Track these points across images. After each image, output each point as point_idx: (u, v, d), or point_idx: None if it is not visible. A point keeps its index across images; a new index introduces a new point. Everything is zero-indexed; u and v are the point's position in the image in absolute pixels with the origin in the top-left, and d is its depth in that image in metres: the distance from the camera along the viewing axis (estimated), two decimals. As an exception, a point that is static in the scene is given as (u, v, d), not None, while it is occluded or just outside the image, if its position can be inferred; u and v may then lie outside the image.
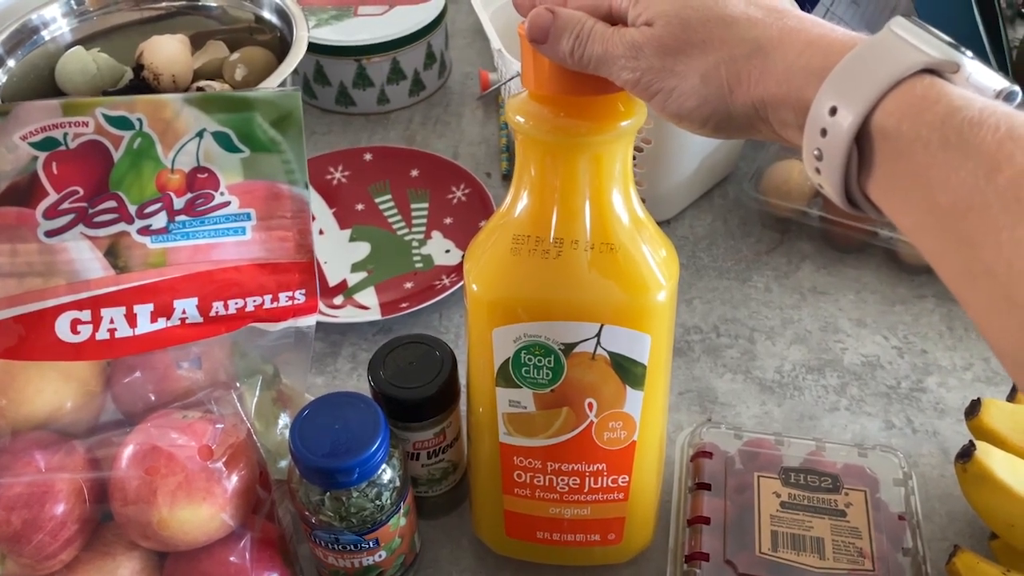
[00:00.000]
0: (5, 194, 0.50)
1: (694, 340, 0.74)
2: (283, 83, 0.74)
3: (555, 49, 0.42)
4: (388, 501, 0.52)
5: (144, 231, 0.52)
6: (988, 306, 0.32)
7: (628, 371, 0.49)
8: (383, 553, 0.54)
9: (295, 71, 0.75)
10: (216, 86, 0.78)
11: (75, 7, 0.84)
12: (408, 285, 0.78)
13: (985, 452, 0.54)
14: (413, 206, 0.85)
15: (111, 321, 0.51)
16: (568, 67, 0.42)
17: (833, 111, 0.34)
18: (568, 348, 0.48)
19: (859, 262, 0.79)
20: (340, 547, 0.53)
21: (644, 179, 0.79)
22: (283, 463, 0.57)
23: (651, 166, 0.78)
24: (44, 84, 0.81)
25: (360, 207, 0.85)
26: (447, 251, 0.81)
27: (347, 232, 0.83)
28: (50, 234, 0.51)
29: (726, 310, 0.76)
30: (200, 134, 0.51)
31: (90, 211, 0.51)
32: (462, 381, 0.57)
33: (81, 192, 0.51)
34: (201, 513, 0.49)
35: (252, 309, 0.54)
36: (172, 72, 0.78)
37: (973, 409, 0.58)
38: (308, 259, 0.55)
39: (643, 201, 0.48)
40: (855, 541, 0.55)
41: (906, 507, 0.57)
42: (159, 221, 0.52)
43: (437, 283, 0.77)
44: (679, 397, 0.69)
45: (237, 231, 0.53)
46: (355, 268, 0.80)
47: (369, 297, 0.77)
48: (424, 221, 0.84)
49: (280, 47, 0.82)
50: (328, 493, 0.50)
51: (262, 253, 0.54)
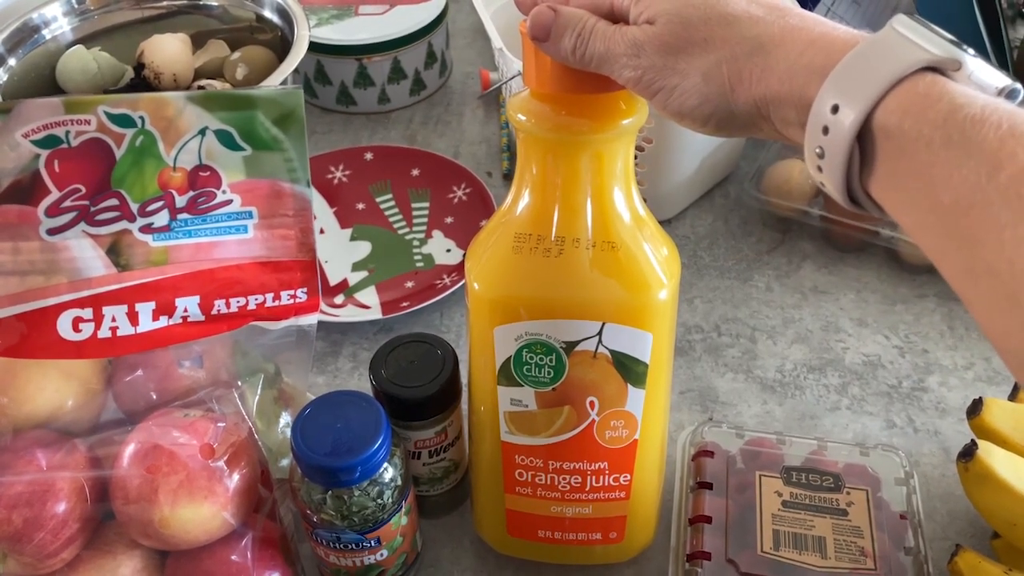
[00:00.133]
0: (7, 192, 0.50)
1: (695, 339, 0.74)
2: (284, 82, 0.74)
3: (557, 47, 0.42)
4: (390, 500, 0.52)
5: (146, 229, 0.52)
6: (990, 304, 0.32)
7: (630, 369, 0.49)
8: (384, 552, 0.54)
9: (296, 70, 0.75)
10: (217, 85, 0.78)
11: (76, 6, 0.84)
12: (409, 284, 0.78)
13: (987, 451, 0.54)
14: (414, 205, 0.85)
15: (113, 319, 0.51)
16: (570, 65, 0.42)
17: (835, 109, 0.34)
18: (570, 346, 0.48)
19: (860, 261, 0.79)
20: (341, 546, 0.53)
21: (645, 178, 0.79)
22: (284, 462, 0.57)
23: (652, 165, 0.78)
24: (45, 83, 0.81)
25: (361, 206, 0.85)
26: (448, 250, 0.81)
27: (348, 231, 0.83)
28: (52, 232, 0.50)
29: (727, 309, 0.76)
30: (202, 132, 0.51)
31: (92, 209, 0.51)
32: (463, 380, 0.57)
33: (83, 190, 0.50)
34: (202, 512, 0.49)
35: (254, 307, 0.54)
36: (173, 71, 0.78)
37: (975, 408, 0.58)
38: (310, 257, 0.55)
39: (644, 200, 0.48)
40: (857, 540, 0.55)
41: (908, 506, 0.57)
42: (161, 219, 0.52)
43: (438, 282, 0.77)
44: (680, 396, 0.69)
45: (239, 229, 0.53)
46: (356, 267, 0.80)
47: (370, 296, 0.77)
48: (425, 220, 0.84)
49: (281, 46, 0.82)
50: (330, 492, 0.50)
51: (264, 251, 0.54)
